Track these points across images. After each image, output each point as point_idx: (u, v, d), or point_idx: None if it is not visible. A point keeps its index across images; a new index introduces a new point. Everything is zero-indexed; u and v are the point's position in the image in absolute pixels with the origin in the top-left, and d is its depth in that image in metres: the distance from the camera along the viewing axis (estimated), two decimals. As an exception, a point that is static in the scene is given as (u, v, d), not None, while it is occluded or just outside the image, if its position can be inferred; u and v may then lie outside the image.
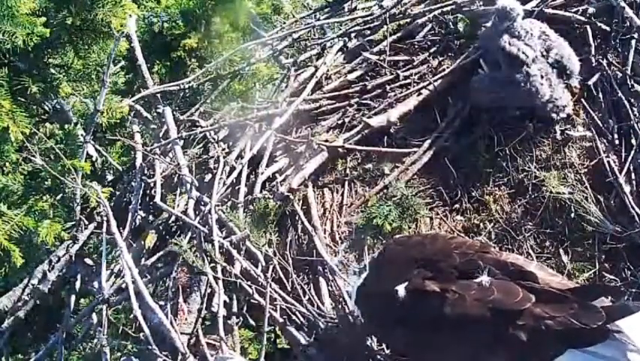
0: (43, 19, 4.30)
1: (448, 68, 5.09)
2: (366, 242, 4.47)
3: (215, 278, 4.12)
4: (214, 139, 4.94)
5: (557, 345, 3.28)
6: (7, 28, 4.16)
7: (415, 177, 4.78)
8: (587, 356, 3.29)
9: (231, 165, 4.72)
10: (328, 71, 5.23)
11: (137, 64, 5.07)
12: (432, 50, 5.26)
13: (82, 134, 4.68)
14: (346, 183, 4.78)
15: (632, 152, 4.58)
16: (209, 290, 4.15)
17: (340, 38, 5.41)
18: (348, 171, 4.82)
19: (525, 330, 3.27)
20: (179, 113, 5.11)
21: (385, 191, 4.69)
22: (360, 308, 3.75)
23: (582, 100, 4.85)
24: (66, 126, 4.74)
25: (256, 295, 4.08)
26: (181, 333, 3.98)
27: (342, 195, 4.74)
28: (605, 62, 4.88)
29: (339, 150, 4.83)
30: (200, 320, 4.09)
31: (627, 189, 4.48)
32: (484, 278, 3.38)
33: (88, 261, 4.60)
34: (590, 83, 4.85)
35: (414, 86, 5.06)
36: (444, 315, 3.32)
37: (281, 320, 4.03)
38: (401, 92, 5.04)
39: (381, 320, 3.58)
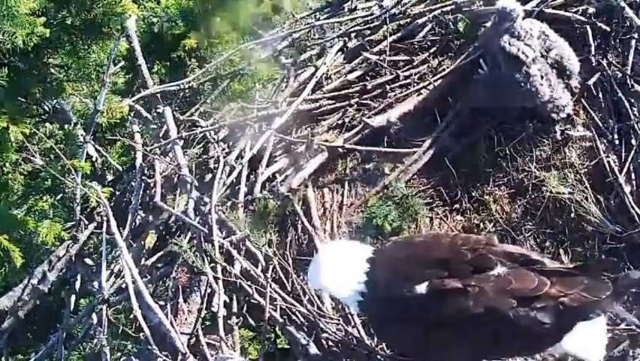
0: (43, 19, 4.30)
1: (448, 68, 5.09)
2: (366, 242, 4.47)
3: (215, 278, 4.12)
4: (214, 139, 4.94)
5: (573, 320, 3.44)
6: (7, 28, 4.16)
7: (415, 177, 4.78)
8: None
9: (231, 165, 4.72)
10: (328, 71, 5.23)
11: (137, 64, 5.07)
12: (432, 50, 5.25)
13: (82, 134, 4.69)
14: (346, 183, 4.78)
15: (632, 152, 4.58)
16: (209, 290, 4.15)
17: (340, 38, 5.41)
18: (348, 171, 4.82)
19: (546, 312, 3.38)
20: (179, 113, 5.11)
21: (385, 191, 4.69)
22: (368, 312, 3.75)
23: (582, 100, 4.85)
24: (66, 126, 4.75)
25: (256, 295, 4.08)
26: (181, 333, 3.98)
27: (342, 195, 4.74)
28: (605, 62, 4.88)
29: (339, 150, 4.83)
30: (200, 320, 4.09)
31: (627, 189, 4.48)
32: (500, 270, 3.44)
33: (88, 261, 4.61)
34: (590, 83, 4.85)
35: (414, 86, 5.06)
36: (467, 309, 3.36)
37: (281, 320, 4.03)
38: (401, 92, 5.04)
39: (397, 323, 3.56)
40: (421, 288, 3.43)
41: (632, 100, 4.74)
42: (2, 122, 4.22)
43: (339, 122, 5.02)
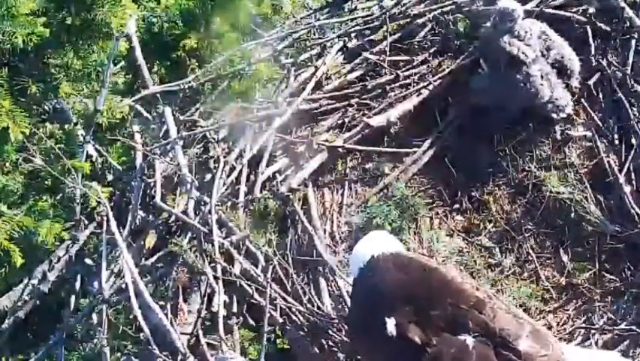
0: (43, 19, 4.30)
1: (448, 68, 5.09)
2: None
3: (215, 278, 4.12)
4: (214, 139, 4.94)
5: None
6: (7, 28, 4.15)
7: (415, 177, 4.79)
8: None
9: (231, 165, 4.72)
10: (328, 71, 5.22)
11: (137, 64, 5.06)
12: (432, 50, 5.25)
13: (82, 134, 4.68)
14: (346, 183, 4.78)
15: (632, 152, 4.59)
16: (209, 290, 4.15)
17: (340, 38, 5.41)
18: (348, 171, 4.82)
19: None
20: (179, 113, 5.11)
21: (385, 191, 4.69)
22: (349, 319, 3.76)
23: (582, 100, 4.85)
24: (66, 126, 4.74)
25: (256, 295, 4.09)
26: (181, 333, 3.98)
27: (342, 195, 4.74)
28: (605, 62, 4.89)
29: (339, 150, 4.84)
30: (200, 319, 4.09)
31: (627, 189, 4.48)
32: (468, 338, 3.32)
33: (88, 261, 4.60)
34: (590, 83, 4.86)
35: (414, 86, 5.06)
36: None
37: (281, 320, 4.04)
38: (401, 92, 5.04)
39: (366, 338, 3.57)
40: (390, 321, 3.38)
41: (632, 100, 4.75)
42: (2, 122, 4.22)
43: (339, 122, 5.02)
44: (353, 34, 5.41)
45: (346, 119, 4.99)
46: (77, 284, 4.61)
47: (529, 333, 3.39)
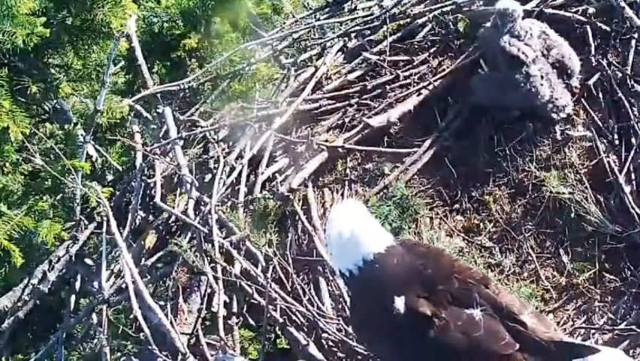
0: (43, 19, 4.31)
1: (448, 68, 5.09)
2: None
3: (215, 278, 4.12)
4: (214, 139, 4.94)
5: None
6: (7, 28, 4.16)
7: (415, 177, 4.79)
8: None
9: (231, 165, 4.72)
10: (328, 71, 5.23)
11: (137, 64, 5.07)
12: (432, 50, 5.25)
13: (82, 134, 4.69)
14: (346, 183, 4.78)
15: (632, 152, 4.58)
16: (209, 290, 4.15)
17: (340, 38, 5.41)
18: (348, 171, 4.82)
19: None
20: (179, 113, 5.11)
21: (385, 191, 4.69)
22: (352, 305, 3.74)
23: (582, 100, 4.85)
24: (66, 126, 4.74)
25: (256, 295, 4.09)
26: (181, 333, 3.99)
27: (342, 195, 4.74)
28: (605, 62, 4.89)
29: (339, 150, 4.83)
30: (200, 319, 4.09)
31: (627, 189, 4.48)
32: (476, 311, 3.34)
33: (88, 261, 4.60)
34: (590, 83, 4.85)
35: (414, 86, 5.06)
36: (428, 339, 3.32)
37: (281, 320, 4.04)
38: (401, 92, 5.04)
39: (373, 327, 3.55)
40: (399, 301, 3.38)
41: (632, 100, 4.74)
42: (2, 122, 4.22)
43: (339, 122, 5.02)
44: (353, 34, 5.41)
45: (346, 119, 5.00)
46: (77, 284, 4.62)
47: (531, 312, 3.45)
